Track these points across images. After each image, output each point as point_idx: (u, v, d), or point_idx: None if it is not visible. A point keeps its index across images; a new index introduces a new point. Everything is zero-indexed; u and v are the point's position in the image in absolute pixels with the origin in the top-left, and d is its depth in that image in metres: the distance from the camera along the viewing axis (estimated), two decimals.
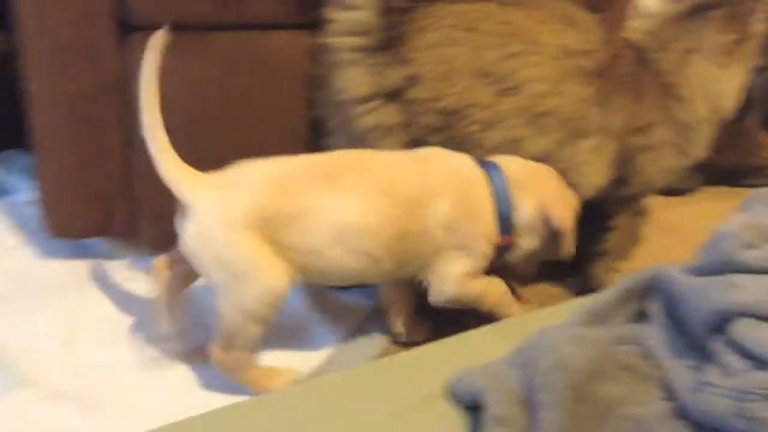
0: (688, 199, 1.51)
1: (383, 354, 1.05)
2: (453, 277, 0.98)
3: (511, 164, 1.01)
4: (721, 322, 0.76)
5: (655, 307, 0.86)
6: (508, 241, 1.00)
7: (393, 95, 1.01)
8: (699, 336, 0.79)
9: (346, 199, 0.91)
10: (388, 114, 1.02)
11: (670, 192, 1.24)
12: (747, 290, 0.75)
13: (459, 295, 0.99)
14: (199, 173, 0.91)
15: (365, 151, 0.98)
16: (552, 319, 0.93)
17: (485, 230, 0.98)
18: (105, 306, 1.12)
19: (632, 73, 1.10)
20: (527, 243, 1.01)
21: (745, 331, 0.72)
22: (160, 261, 0.99)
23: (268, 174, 0.91)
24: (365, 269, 0.94)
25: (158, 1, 1.02)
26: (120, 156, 1.10)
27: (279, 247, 0.89)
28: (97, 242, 1.24)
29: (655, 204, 1.33)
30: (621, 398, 0.76)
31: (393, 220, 0.92)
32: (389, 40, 1.01)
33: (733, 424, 0.67)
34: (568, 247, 1.01)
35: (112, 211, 1.13)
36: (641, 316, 0.90)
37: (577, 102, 1.04)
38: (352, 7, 1.00)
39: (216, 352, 0.93)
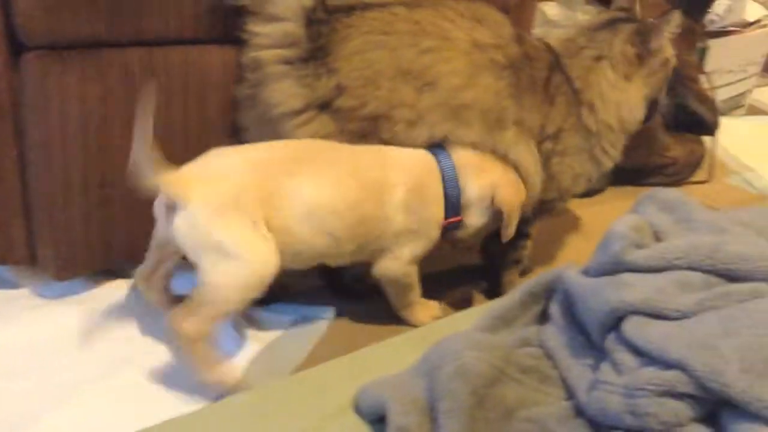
0: (595, 200, 1.55)
1: (301, 367, 1.05)
2: (402, 258, 1.05)
3: (460, 150, 1.08)
4: (614, 321, 0.78)
5: (555, 309, 0.89)
6: (456, 220, 1.08)
7: (324, 105, 1.03)
8: (595, 335, 0.81)
9: (317, 181, 0.98)
10: (322, 124, 1.03)
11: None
12: (637, 289, 0.78)
13: (401, 275, 1.07)
14: (181, 169, 0.95)
15: (330, 142, 1.04)
16: (461, 324, 0.95)
17: (435, 215, 1.06)
18: (8, 336, 1.08)
19: (546, 76, 1.13)
20: (474, 221, 1.09)
21: (635, 328, 0.75)
22: (140, 279, 1.04)
23: (246, 159, 0.98)
24: (328, 249, 1.00)
25: (50, 20, 0.98)
26: (16, 181, 1.06)
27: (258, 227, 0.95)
28: (1, 271, 1.19)
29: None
30: (523, 401, 0.78)
31: (356, 203, 1.00)
32: (315, 51, 1.02)
33: (624, 421, 0.69)
34: (510, 229, 1.07)
35: (11, 238, 1.09)
36: (546, 318, 0.93)
37: (492, 94, 1.07)
38: (277, 19, 1.01)
39: (177, 316, 0.94)
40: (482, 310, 0.96)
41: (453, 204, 1.07)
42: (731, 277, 0.77)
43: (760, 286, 0.74)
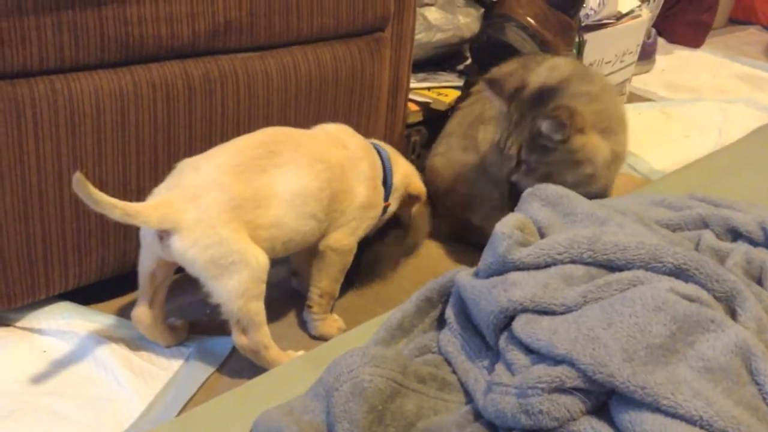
0: None
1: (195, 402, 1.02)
2: (356, 233, 1.15)
3: (380, 142, 1.24)
4: (505, 321, 0.79)
5: (450, 313, 0.88)
6: (386, 205, 1.22)
7: None
8: (489, 336, 0.81)
9: (291, 171, 1.05)
10: None
11: None
12: (523, 287, 0.78)
13: (349, 249, 1.16)
14: (158, 193, 1.00)
15: (285, 128, 1.14)
16: (359, 340, 0.93)
17: (382, 194, 1.19)
18: None
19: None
20: (392, 206, 1.24)
21: (524, 326, 0.75)
22: (139, 314, 1.07)
23: (220, 167, 1.01)
24: (311, 231, 1.08)
25: None
26: None
27: (251, 228, 1.00)
28: None
29: None
30: (423, 411, 0.77)
31: (328, 183, 1.08)
32: None
33: (520, 421, 0.69)
34: (420, 207, 1.31)
35: None
36: (442, 323, 0.92)
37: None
38: None
39: (239, 339, 1.03)
40: (382, 320, 0.94)
41: (387, 190, 1.20)
42: (611, 267, 0.78)
43: (639, 274, 0.76)
